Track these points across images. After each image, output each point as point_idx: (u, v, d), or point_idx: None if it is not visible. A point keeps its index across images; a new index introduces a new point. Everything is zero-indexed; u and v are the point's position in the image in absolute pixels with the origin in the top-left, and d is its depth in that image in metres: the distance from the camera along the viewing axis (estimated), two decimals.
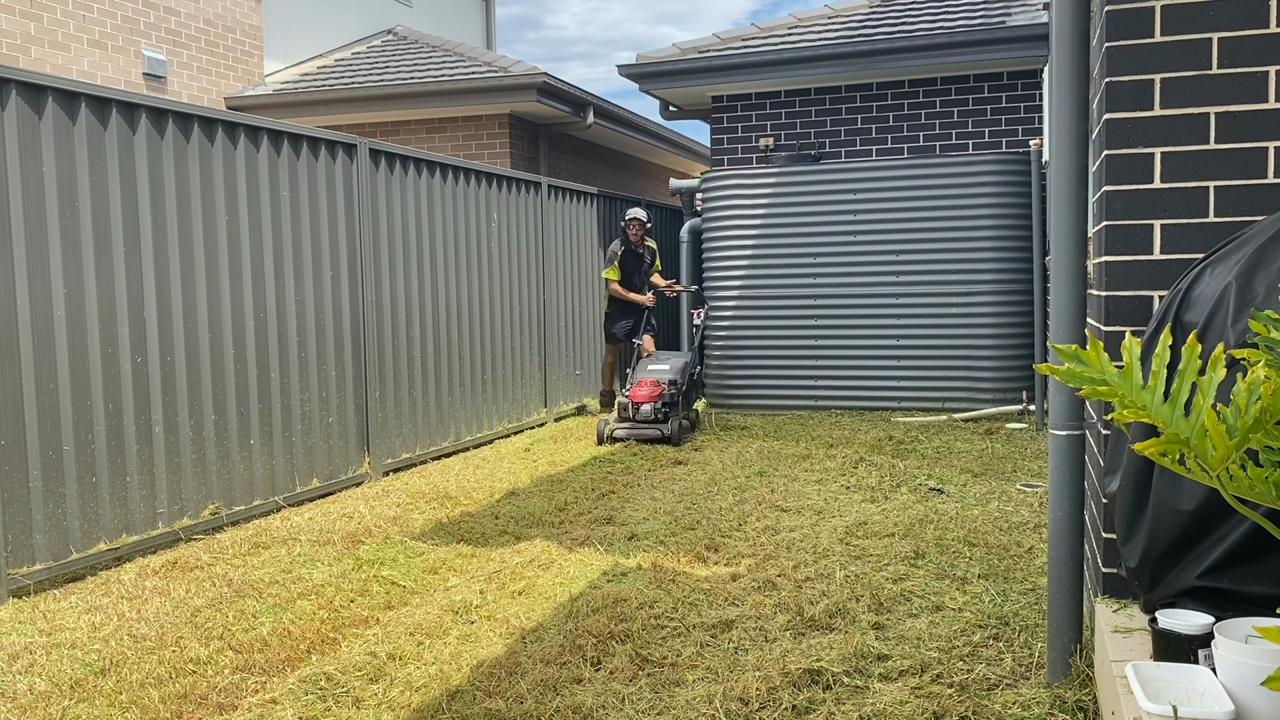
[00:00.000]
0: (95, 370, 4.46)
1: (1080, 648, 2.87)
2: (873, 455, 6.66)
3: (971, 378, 8.43)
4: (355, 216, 6.24)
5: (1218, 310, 2.39)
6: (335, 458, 6.03)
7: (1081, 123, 2.78)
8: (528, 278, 8.50)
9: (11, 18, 9.05)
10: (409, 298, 6.79)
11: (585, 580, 4.16)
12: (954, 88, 9.66)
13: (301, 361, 5.75)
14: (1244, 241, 2.51)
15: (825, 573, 4.07)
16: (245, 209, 5.35)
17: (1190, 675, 2.07)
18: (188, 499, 4.95)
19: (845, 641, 3.28)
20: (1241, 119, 2.73)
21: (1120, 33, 2.80)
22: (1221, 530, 2.31)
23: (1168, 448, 1.75)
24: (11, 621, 3.78)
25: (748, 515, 5.16)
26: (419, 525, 5.15)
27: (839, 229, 8.74)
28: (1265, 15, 2.70)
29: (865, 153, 9.94)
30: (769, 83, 9.93)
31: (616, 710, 2.91)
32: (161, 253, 4.83)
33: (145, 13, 10.38)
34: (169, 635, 3.57)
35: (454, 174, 7.38)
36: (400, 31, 13.46)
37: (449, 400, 7.26)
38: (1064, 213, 2.81)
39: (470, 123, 10.97)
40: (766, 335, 8.99)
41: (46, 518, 4.22)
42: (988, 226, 8.37)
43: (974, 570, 4.07)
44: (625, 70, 10.24)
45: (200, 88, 11.02)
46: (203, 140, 5.09)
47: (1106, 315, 2.87)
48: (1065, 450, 2.84)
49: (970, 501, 5.33)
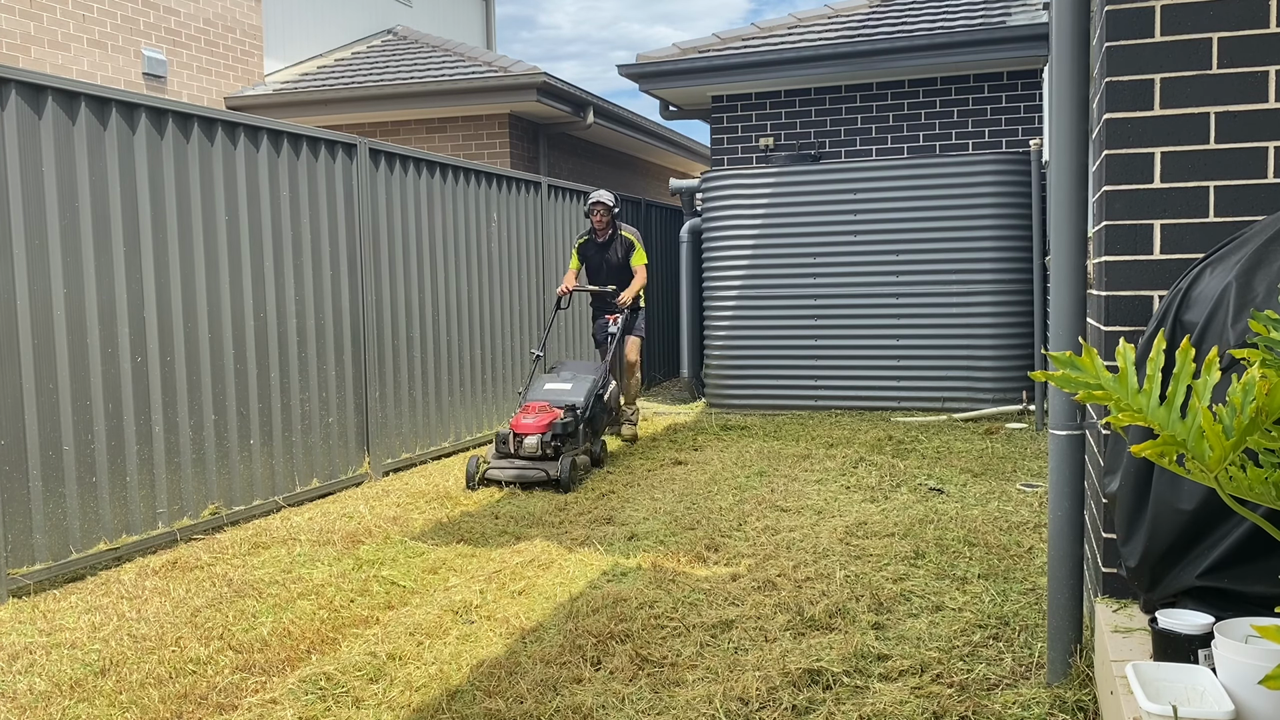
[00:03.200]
0: (95, 370, 4.46)
1: (1080, 648, 2.87)
2: (873, 455, 6.66)
3: (971, 378, 8.43)
4: (355, 216, 6.24)
5: (1218, 310, 2.39)
6: (335, 458, 6.03)
7: (1081, 123, 2.78)
8: (528, 278, 8.50)
9: (11, 17, 9.05)
10: (409, 298, 6.79)
11: (585, 580, 4.16)
12: (954, 88, 9.66)
13: (301, 361, 5.75)
14: (1244, 241, 2.51)
15: (825, 573, 4.07)
16: (245, 209, 5.35)
17: (1190, 675, 2.07)
18: (188, 499, 4.95)
19: (845, 641, 3.28)
20: (1241, 119, 2.73)
21: (1120, 33, 2.80)
22: (1221, 530, 2.31)
23: (1165, 449, 1.75)
24: (11, 621, 3.79)
25: (748, 515, 5.16)
26: (419, 525, 5.15)
27: (839, 229, 8.74)
28: (1265, 15, 2.70)
29: (865, 153, 9.94)
30: (769, 83, 9.94)
31: (616, 710, 2.91)
32: (161, 253, 4.84)
33: (145, 12, 10.38)
34: (169, 635, 3.58)
35: (454, 174, 7.38)
36: (400, 31, 13.46)
37: (449, 400, 7.26)
38: (1064, 213, 2.81)
39: (470, 123, 10.97)
40: (766, 335, 8.99)
41: (46, 518, 4.22)
42: (988, 226, 8.37)
43: (974, 570, 4.08)
44: (625, 70, 10.24)
45: (200, 87, 11.02)
46: (202, 140, 5.09)
47: (1106, 315, 2.87)
48: (1065, 450, 2.84)
49: (970, 501, 5.33)
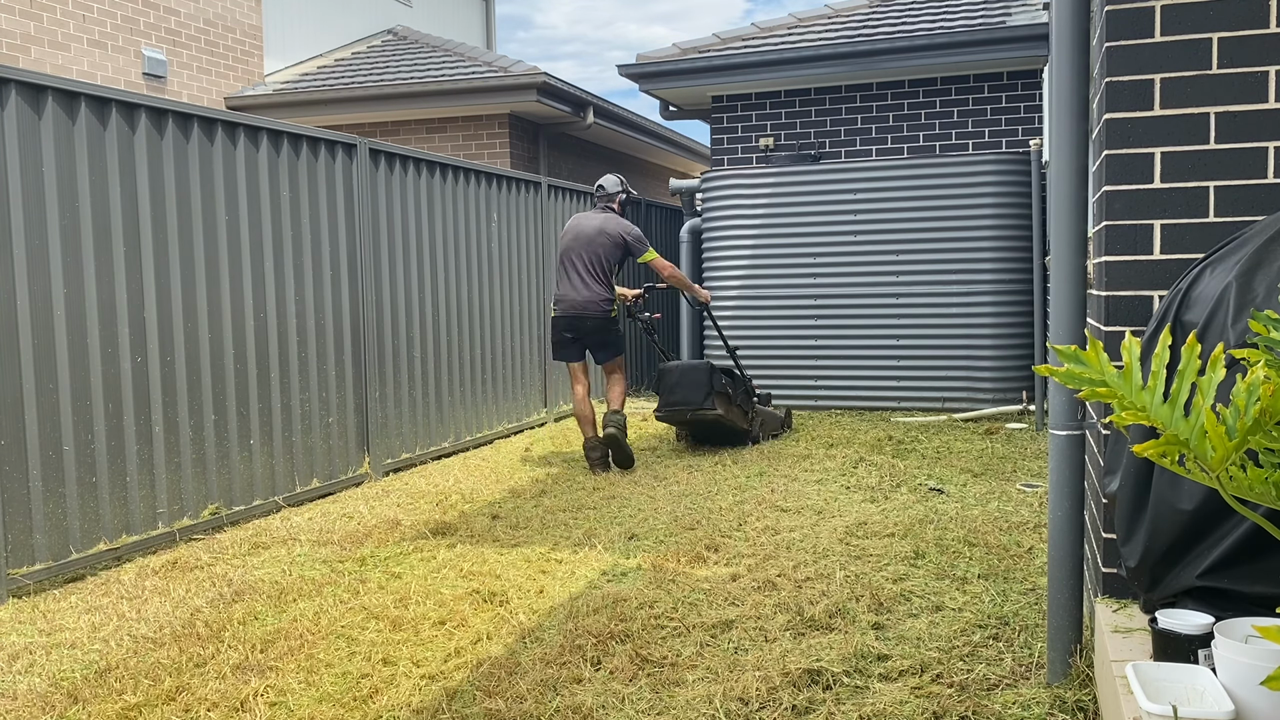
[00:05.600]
0: (95, 370, 4.46)
1: (1080, 648, 2.87)
2: (873, 455, 6.66)
3: (971, 378, 8.43)
4: (355, 216, 6.24)
5: (1218, 310, 2.39)
6: (335, 458, 6.03)
7: (1081, 123, 2.78)
8: (528, 278, 8.50)
9: (11, 17, 9.05)
10: (409, 298, 6.79)
11: (585, 580, 4.16)
12: (954, 88, 9.66)
13: (301, 361, 5.75)
14: (1244, 241, 2.51)
15: (825, 573, 4.07)
16: (245, 209, 5.35)
17: (1190, 675, 2.07)
18: (188, 499, 4.95)
19: (845, 641, 3.28)
20: (1241, 119, 2.73)
21: (1120, 33, 2.80)
22: (1222, 530, 2.31)
23: (1167, 449, 1.75)
24: (11, 621, 3.79)
25: (748, 515, 5.16)
26: (419, 525, 5.15)
27: (839, 229, 8.74)
28: (1265, 15, 2.70)
29: (865, 153, 9.94)
30: (769, 83, 9.94)
31: (616, 710, 2.91)
32: (161, 252, 4.83)
33: (145, 12, 10.38)
34: (169, 635, 3.58)
35: (454, 174, 7.38)
36: (400, 31, 13.46)
37: (449, 400, 7.26)
38: (1064, 213, 2.81)
39: (470, 122, 10.97)
40: (766, 335, 8.99)
41: (46, 518, 4.22)
42: (988, 226, 8.37)
43: (974, 570, 4.08)
44: (625, 70, 10.24)
45: (200, 87, 11.02)
46: (203, 140, 5.09)
47: (1106, 315, 2.87)
48: (1065, 450, 2.84)
49: (970, 501, 5.33)
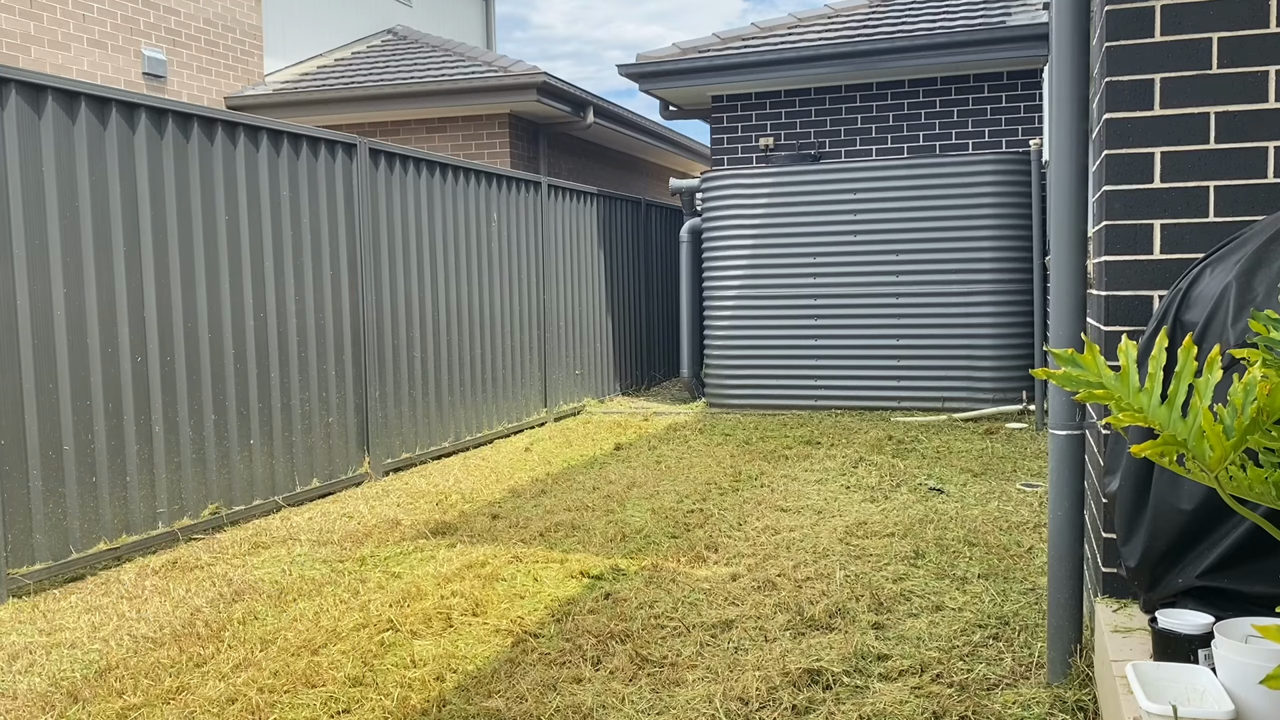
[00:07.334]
0: (95, 370, 4.46)
1: (1080, 648, 2.87)
2: (873, 455, 6.66)
3: (971, 378, 8.43)
4: (355, 216, 6.24)
5: (1218, 310, 2.39)
6: (335, 457, 6.03)
7: (1081, 123, 2.78)
8: (528, 278, 8.50)
9: (11, 17, 9.05)
10: (409, 298, 6.79)
11: (585, 580, 4.16)
12: (954, 87, 9.66)
13: (301, 361, 5.75)
14: (1244, 241, 2.51)
15: (825, 572, 4.07)
16: (245, 209, 5.35)
17: (1190, 675, 2.07)
18: (188, 499, 4.95)
19: (845, 641, 3.28)
20: (1241, 119, 2.73)
21: (1120, 33, 2.80)
22: (1221, 530, 2.31)
23: (1165, 449, 1.75)
24: (11, 621, 3.79)
25: (748, 515, 5.16)
26: (419, 525, 5.15)
27: (839, 229, 8.74)
28: (1265, 15, 2.70)
29: (865, 152, 9.94)
30: (769, 82, 9.94)
31: (616, 710, 2.91)
32: (161, 252, 4.84)
33: (145, 12, 10.38)
34: (169, 635, 3.58)
35: (454, 174, 7.38)
36: (400, 31, 13.46)
37: (449, 400, 7.26)
38: (1064, 213, 2.81)
39: (470, 122, 10.97)
40: (766, 335, 8.99)
41: (46, 517, 4.22)
42: (988, 226, 8.37)
43: (974, 570, 4.08)
44: (625, 70, 10.24)
45: (200, 87, 11.02)
46: (203, 140, 5.09)
47: (1106, 315, 2.87)
48: (1065, 450, 2.84)
49: (970, 501, 5.33)
